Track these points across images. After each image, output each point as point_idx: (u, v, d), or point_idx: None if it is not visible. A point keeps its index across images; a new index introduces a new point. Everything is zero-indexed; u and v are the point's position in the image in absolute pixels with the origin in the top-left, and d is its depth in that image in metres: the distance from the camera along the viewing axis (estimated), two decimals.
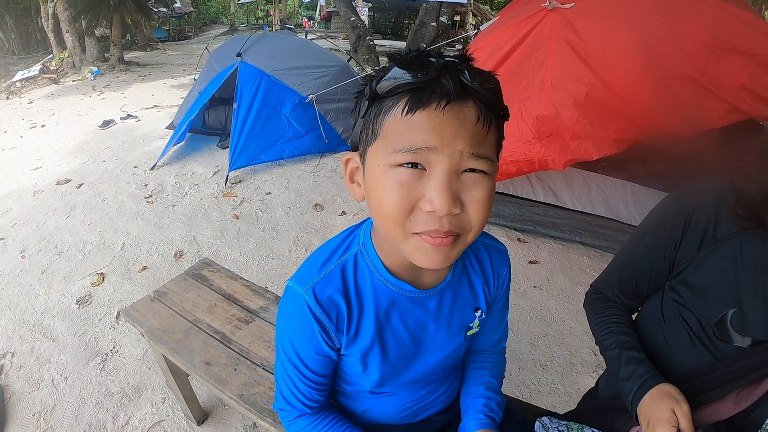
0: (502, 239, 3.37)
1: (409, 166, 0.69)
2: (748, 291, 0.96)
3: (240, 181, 3.98)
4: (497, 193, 2.55)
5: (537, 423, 1.17)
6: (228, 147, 4.01)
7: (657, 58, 2.66)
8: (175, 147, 4.52)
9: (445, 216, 0.70)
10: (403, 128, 0.69)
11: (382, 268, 0.89)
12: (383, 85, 0.70)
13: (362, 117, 0.76)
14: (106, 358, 2.44)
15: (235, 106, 3.94)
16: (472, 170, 0.71)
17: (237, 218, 3.70)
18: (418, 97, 0.68)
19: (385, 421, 1.15)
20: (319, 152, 4.65)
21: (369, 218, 0.89)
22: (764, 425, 0.97)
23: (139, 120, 6.13)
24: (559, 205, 3.43)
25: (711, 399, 1.02)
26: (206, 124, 4.86)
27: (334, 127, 4.61)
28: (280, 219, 3.75)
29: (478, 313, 1.01)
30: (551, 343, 2.58)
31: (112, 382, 2.31)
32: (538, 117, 2.76)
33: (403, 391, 1.07)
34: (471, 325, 1.01)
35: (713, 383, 1.00)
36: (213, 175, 3.99)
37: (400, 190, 0.70)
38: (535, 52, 2.95)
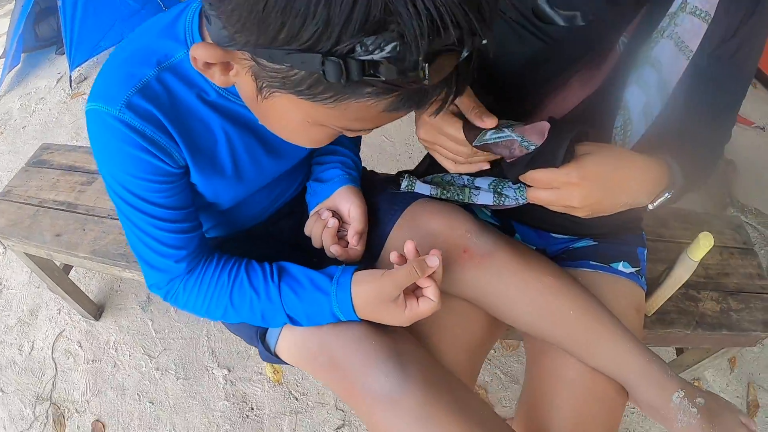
0: None
1: None
2: None
3: (85, 78, 3.64)
4: None
5: (404, 180, 1.07)
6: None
7: None
8: (13, 73, 4.05)
9: None
10: (374, 118, 0.55)
11: None
12: (378, 74, 0.45)
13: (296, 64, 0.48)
14: None
15: (59, 2, 3.50)
16: None
17: None
18: (413, 100, 0.52)
19: (235, 230, 1.08)
20: None
21: (194, 6, 0.70)
22: (628, 108, 0.89)
23: None
24: None
25: (553, 90, 0.93)
26: (39, 37, 4.29)
27: None
28: None
29: None
30: None
31: (8, 316, 2.18)
32: None
33: (252, 198, 0.97)
34: None
35: (550, 71, 0.90)
36: (57, 83, 3.64)
37: (327, 140, 0.67)
38: None
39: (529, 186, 0.84)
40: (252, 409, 1.86)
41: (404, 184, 1.05)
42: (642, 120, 0.90)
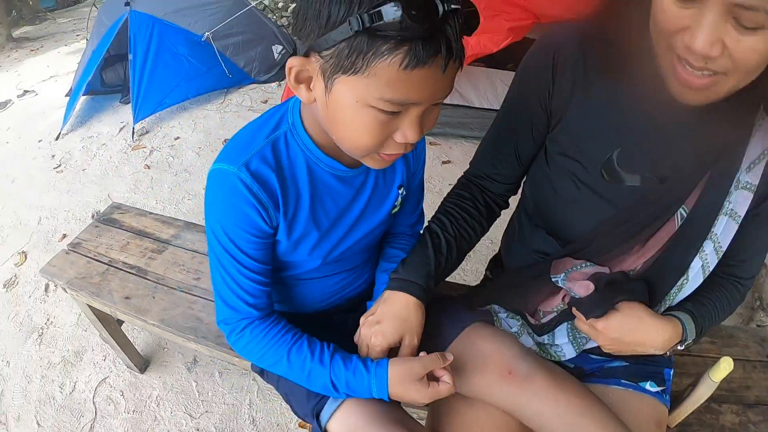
0: None
1: (392, 113, 0.72)
2: (629, 130, 0.96)
3: (147, 132, 3.86)
4: None
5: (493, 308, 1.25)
6: (130, 101, 3.84)
7: None
8: (77, 112, 4.30)
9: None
10: (398, 81, 0.66)
11: (314, 147, 0.90)
12: (382, 26, 0.61)
13: (342, 40, 0.65)
14: (42, 332, 2.41)
15: (130, 57, 3.75)
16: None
17: (149, 168, 3.61)
18: (420, 52, 0.63)
19: (300, 309, 1.20)
20: (223, 88, 4.51)
21: (295, 97, 0.88)
22: (687, 273, 1.02)
23: (36, 94, 5.70)
24: (467, 105, 3.46)
25: (617, 255, 1.07)
26: (105, 83, 4.60)
27: (234, 62, 4.44)
28: (191, 161, 3.69)
29: (400, 191, 1.06)
30: None
31: (53, 353, 2.30)
32: None
33: (323, 281, 1.12)
34: (395, 203, 1.06)
35: (619, 235, 1.03)
36: (119, 131, 3.85)
37: (380, 129, 0.74)
38: None
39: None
40: None
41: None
42: (698, 279, 1.03)
